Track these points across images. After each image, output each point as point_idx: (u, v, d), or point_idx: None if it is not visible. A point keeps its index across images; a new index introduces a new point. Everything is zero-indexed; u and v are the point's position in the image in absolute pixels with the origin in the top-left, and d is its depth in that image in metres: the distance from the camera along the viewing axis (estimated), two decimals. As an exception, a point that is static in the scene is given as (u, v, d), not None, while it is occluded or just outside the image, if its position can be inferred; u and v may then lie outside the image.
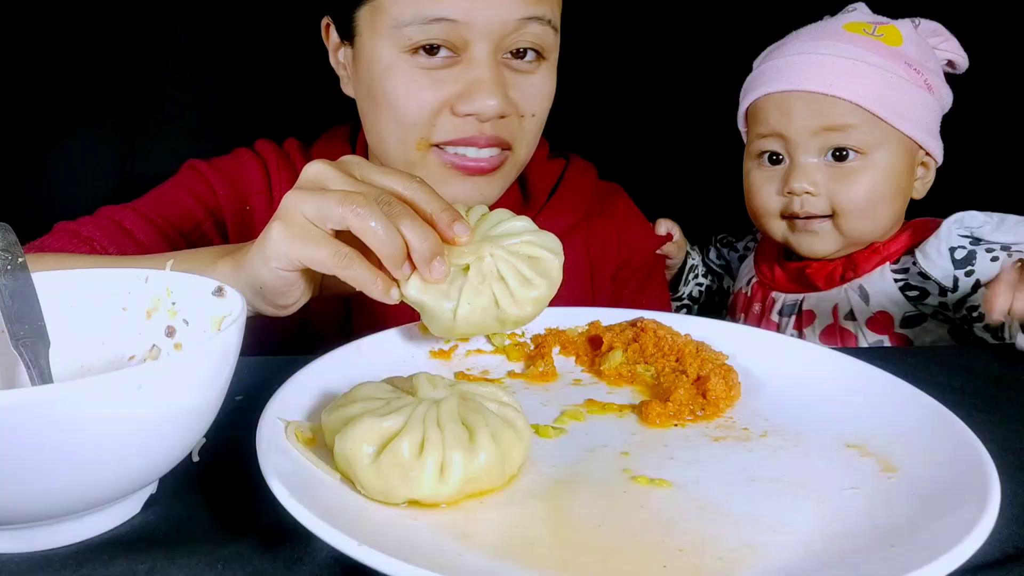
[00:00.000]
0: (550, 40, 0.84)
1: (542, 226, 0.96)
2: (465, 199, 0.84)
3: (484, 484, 0.47)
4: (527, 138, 0.87)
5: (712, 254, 1.25)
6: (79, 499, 0.44)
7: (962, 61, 0.99)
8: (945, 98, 0.98)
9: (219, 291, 0.55)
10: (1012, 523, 0.48)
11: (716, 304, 1.24)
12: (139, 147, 1.14)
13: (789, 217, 0.99)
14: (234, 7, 1.15)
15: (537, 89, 0.85)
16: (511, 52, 0.82)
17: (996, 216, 0.90)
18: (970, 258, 0.89)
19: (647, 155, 1.33)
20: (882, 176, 0.94)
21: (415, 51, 0.80)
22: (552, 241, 0.63)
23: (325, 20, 0.90)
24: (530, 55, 0.83)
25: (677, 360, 0.65)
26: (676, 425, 0.58)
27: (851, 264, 0.99)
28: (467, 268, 0.60)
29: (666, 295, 1.11)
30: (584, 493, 0.48)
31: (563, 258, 0.63)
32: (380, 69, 0.82)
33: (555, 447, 0.54)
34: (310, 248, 0.59)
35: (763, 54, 1.03)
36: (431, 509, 0.46)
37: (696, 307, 1.24)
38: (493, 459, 0.47)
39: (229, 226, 0.94)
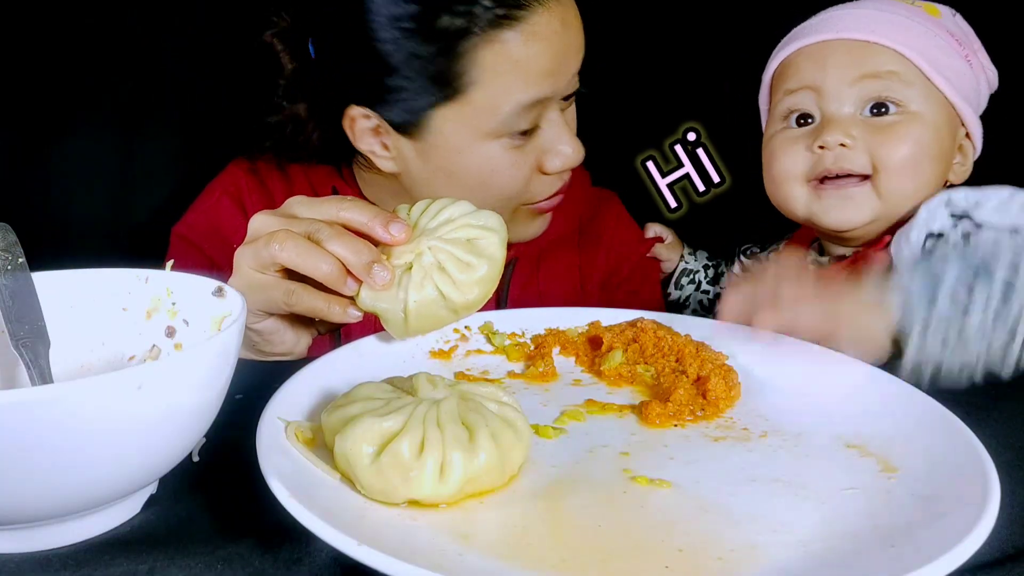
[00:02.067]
0: None
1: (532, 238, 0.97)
2: (536, 232, 0.92)
3: (484, 484, 0.47)
4: None
5: (736, 268, 1.20)
6: (79, 499, 0.44)
7: (993, 75, 0.91)
8: (986, 80, 0.89)
9: (219, 291, 0.55)
10: (1012, 523, 0.48)
11: None
12: (139, 147, 1.14)
13: (817, 181, 0.86)
14: (235, 7, 1.15)
15: (575, 117, 0.90)
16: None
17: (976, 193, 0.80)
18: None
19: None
20: (927, 132, 0.83)
21: (505, 136, 0.82)
22: (489, 219, 0.64)
23: (358, 112, 0.83)
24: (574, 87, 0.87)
25: (677, 360, 0.65)
26: (676, 425, 0.58)
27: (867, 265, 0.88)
28: (411, 267, 0.61)
29: (660, 305, 1.10)
30: (584, 493, 0.48)
31: (504, 233, 0.64)
32: (472, 159, 0.82)
33: (555, 447, 0.54)
34: (262, 294, 0.63)
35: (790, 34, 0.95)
36: (431, 509, 0.46)
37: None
38: (493, 459, 0.47)
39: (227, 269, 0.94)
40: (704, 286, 1.20)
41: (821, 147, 0.83)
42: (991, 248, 0.67)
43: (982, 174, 0.91)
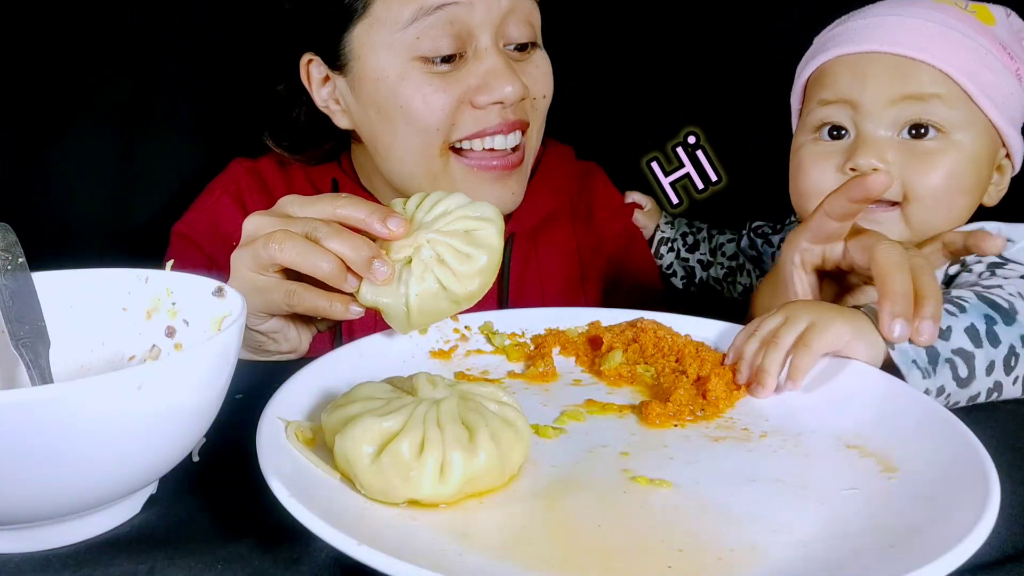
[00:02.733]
0: (537, 17, 0.86)
1: (526, 213, 0.96)
2: (497, 200, 0.81)
3: (484, 484, 0.47)
4: (538, 121, 0.89)
5: (745, 242, 1.16)
6: (79, 499, 0.44)
7: None
8: None
9: (219, 291, 0.55)
10: (1012, 523, 0.48)
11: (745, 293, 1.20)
12: (139, 147, 1.14)
13: None
14: (235, 7, 1.15)
15: (541, 71, 0.87)
16: (511, 46, 0.84)
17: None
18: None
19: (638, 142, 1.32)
20: (965, 162, 0.79)
21: (425, 60, 0.81)
22: (486, 209, 0.64)
23: (306, 58, 0.88)
24: (525, 36, 0.85)
25: (677, 360, 0.65)
26: (676, 425, 0.58)
27: None
28: (410, 260, 0.62)
29: (651, 261, 1.14)
30: (584, 493, 0.48)
31: (501, 223, 0.64)
32: (391, 83, 0.81)
33: (555, 447, 0.54)
34: (262, 296, 0.64)
35: (831, 26, 0.91)
36: (431, 509, 0.46)
37: (692, 287, 1.21)
38: (493, 459, 0.47)
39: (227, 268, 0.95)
40: (683, 253, 1.19)
41: (853, 169, 0.80)
42: (1012, 297, 0.66)
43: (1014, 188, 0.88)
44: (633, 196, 1.18)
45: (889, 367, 0.61)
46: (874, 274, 0.62)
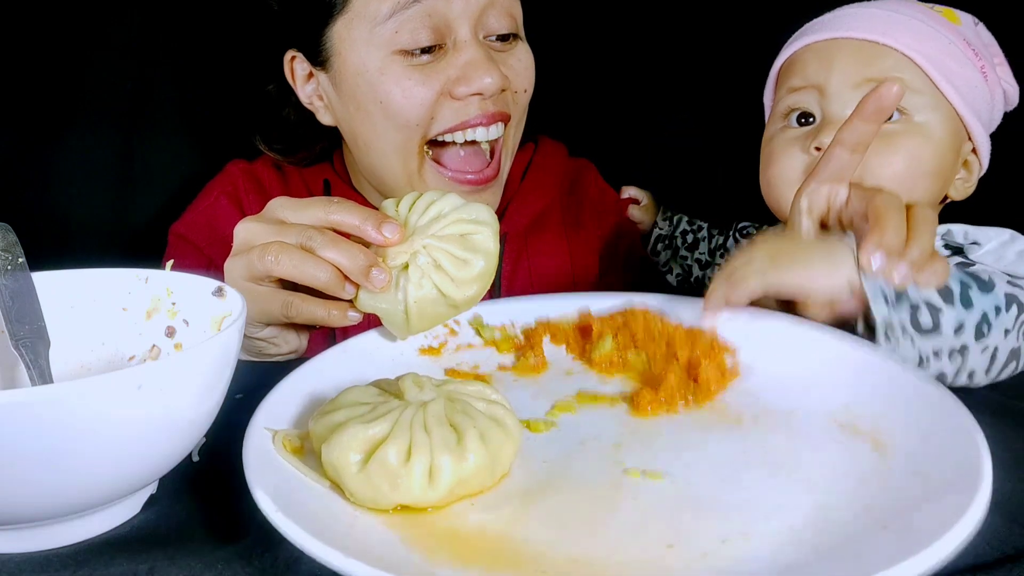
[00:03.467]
0: (518, 10, 0.86)
1: (518, 214, 0.95)
2: None
3: (475, 485, 0.47)
4: (517, 116, 0.88)
5: (730, 243, 1.16)
6: (79, 499, 0.44)
7: (1012, 92, 0.86)
8: (1003, 95, 0.85)
9: (219, 291, 0.55)
10: (1012, 523, 0.48)
11: None
12: (138, 147, 1.14)
13: None
14: (228, 6, 1.15)
15: (523, 64, 0.87)
16: (492, 37, 0.84)
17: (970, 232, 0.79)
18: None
19: (636, 139, 1.32)
20: (927, 146, 0.80)
21: (404, 53, 0.80)
22: (481, 212, 0.63)
23: (290, 54, 0.89)
24: (506, 28, 0.84)
25: (668, 345, 0.64)
26: (668, 412, 0.57)
27: None
28: (407, 266, 0.61)
29: (643, 253, 1.15)
30: (575, 490, 0.48)
31: (496, 225, 0.63)
32: (371, 77, 0.81)
33: (546, 442, 0.54)
34: (258, 305, 0.63)
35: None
36: (422, 514, 0.46)
37: (687, 285, 1.21)
38: (482, 460, 0.46)
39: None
40: (682, 252, 1.19)
41: (817, 148, 0.80)
42: (993, 274, 0.65)
43: (986, 192, 0.87)
44: (630, 191, 1.17)
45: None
46: (869, 214, 0.61)
